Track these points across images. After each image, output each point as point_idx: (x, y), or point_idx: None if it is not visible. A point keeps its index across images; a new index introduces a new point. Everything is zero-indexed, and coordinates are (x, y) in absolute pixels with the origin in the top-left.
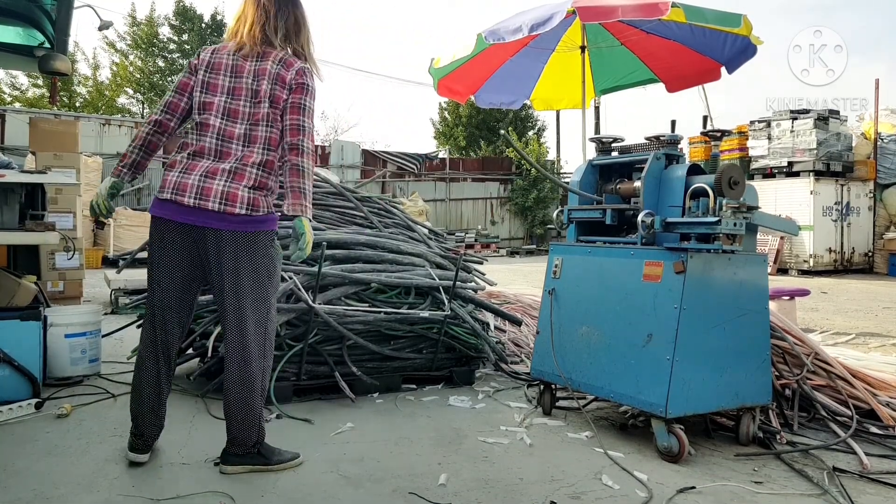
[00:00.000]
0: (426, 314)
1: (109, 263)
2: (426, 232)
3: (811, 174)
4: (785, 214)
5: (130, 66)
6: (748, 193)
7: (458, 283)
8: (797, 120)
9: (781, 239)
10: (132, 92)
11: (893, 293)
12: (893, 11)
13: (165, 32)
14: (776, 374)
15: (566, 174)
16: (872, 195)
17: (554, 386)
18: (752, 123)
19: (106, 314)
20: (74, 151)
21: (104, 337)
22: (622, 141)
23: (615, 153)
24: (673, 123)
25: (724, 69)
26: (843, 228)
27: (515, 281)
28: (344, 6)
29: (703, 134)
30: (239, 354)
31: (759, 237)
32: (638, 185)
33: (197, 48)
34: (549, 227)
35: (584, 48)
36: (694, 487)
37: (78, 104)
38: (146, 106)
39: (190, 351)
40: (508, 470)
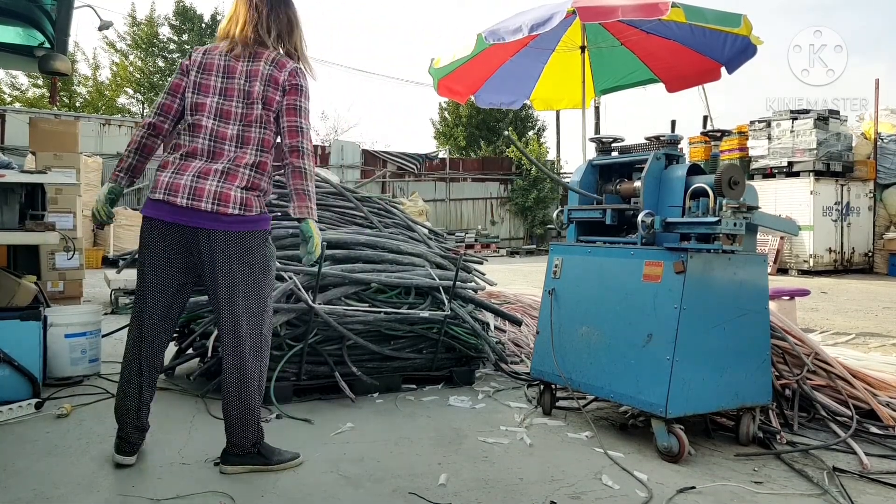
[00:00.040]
0: (426, 314)
1: (109, 263)
2: (426, 232)
3: (811, 174)
4: (785, 214)
5: (130, 66)
6: (748, 193)
7: (458, 283)
8: (797, 120)
9: (781, 239)
10: (132, 92)
11: (893, 293)
12: (893, 11)
13: (165, 32)
14: (776, 374)
15: (566, 174)
16: (872, 195)
17: (554, 386)
18: (752, 123)
19: (106, 314)
20: (74, 151)
21: (104, 337)
22: (622, 141)
23: (615, 153)
24: (673, 123)
25: (724, 69)
26: (843, 228)
27: (515, 281)
28: (354, 6)
29: (703, 134)
30: (235, 355)
31: (759, 237)
32: (638, 185)
33: None
34: (549, 227)
35: (584, 48)
36: (694, 487)
37: (78, 104)
38: (146, 106)
39: (190, 351)
40: (508, 470)
